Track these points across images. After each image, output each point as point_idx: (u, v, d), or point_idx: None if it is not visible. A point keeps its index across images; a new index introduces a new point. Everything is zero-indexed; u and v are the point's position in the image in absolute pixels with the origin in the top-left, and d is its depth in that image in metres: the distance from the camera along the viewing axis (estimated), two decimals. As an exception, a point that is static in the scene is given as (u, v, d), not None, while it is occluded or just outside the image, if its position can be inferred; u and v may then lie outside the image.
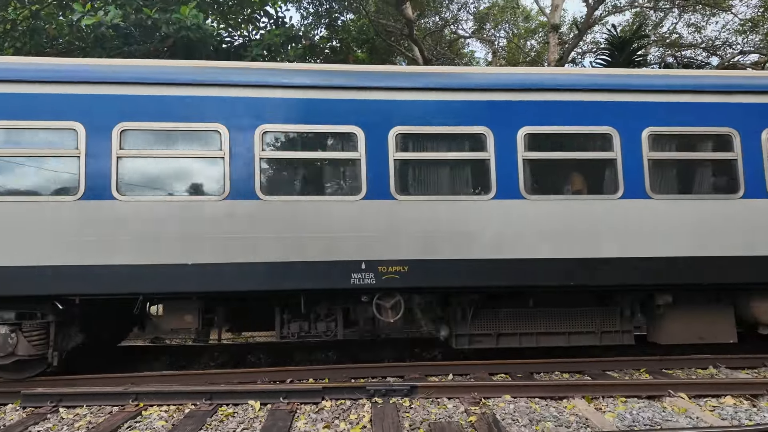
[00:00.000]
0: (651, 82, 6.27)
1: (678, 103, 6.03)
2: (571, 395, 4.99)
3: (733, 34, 18.96)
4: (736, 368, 6.17)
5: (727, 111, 6.02)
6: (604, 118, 5.93)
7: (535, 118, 5.82)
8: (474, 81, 5.96)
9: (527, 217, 5.67)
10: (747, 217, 5.89)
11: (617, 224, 5.75)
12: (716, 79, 6.47)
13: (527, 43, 23.04)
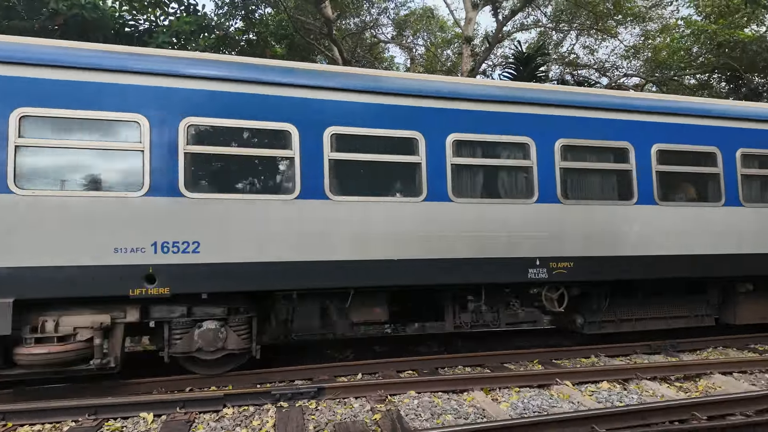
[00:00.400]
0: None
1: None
2: (471, 388, 5.27)
3: (620, 59, 21.34)
4: (613, 356, 6.92)
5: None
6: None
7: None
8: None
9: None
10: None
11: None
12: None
13: (444, 52, 24.02)
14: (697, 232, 6.79)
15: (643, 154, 6.68)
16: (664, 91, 19.15)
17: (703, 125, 6.98)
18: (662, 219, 6.65)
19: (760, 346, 7.36)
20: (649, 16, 19.11)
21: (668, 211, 6.71)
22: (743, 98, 16.79)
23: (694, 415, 4.24)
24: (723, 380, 5.63)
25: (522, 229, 6.10)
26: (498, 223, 6.05)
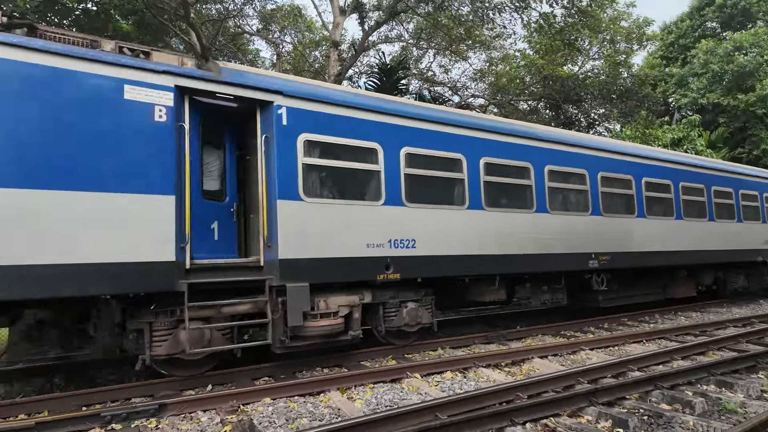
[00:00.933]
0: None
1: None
2: (328, 388, 5.31)
3: (469, 80, 23.73)
4: (456, 347, 7.63)
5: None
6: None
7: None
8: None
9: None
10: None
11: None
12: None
13: (312, 53, 23.93)
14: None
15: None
16: (503, 113, 21.86)
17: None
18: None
19: (569, 332, 8.85)
20: (493, 45, 21.65)
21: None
22: (561, 125, 20.01)
23: (518, 396, 4.90)
24: (540, 363, 6.62)
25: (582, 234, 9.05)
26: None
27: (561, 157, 8.77)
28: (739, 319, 9.82)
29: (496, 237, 7.66)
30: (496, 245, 7.64)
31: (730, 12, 29.33)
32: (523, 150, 8.25)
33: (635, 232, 9.80)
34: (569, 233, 8.66)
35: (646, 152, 10.97)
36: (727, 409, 4.73)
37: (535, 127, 9.46)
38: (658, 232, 10.21)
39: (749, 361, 6.31)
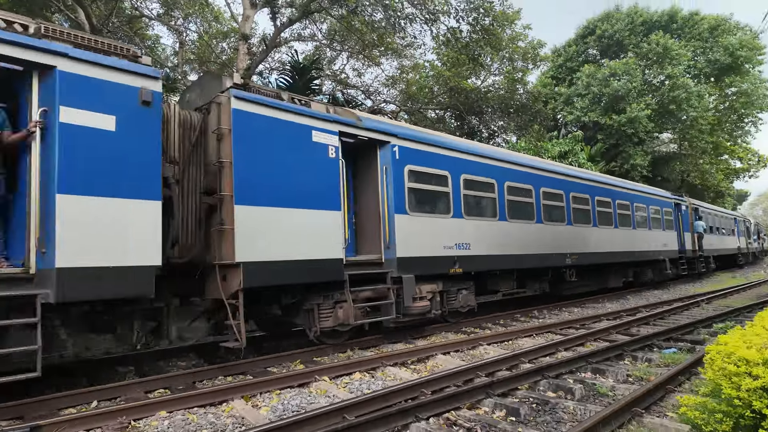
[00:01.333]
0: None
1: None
2: (231, 397, 5.07)
3: (382, 85, 24.24)
4: (365, 348, 7.73)
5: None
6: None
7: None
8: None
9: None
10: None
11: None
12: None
13: (219, 44, 22.75)
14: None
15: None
16: (412, 120, 22.63)
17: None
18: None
19: (469, 329, 9.40)
20: (405, 53, 22.35)
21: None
22: (465, 135, 21.22)
23: (423, 392, 5.10)
24: (444, 359, 6.95)
25: (560, 239, 12.07)
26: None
27: (555, 182, 12.14)
28: (611, 313, 11.17)
29: (514, 241, 10.40)
30: (514, 248, 10.38)
31: (607, 42, 33.40)
32: (533, 177, 11.34)
33: (591, 238, 13.19)
34: (556, 239, 11.76)
35: (599, 178, 15.19)
36: (600, 392, 5.36)
37: (535, 161, 12.81)
38: (604, 239, 13.81)
39: (618, 349, 7.21)
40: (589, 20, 35.13)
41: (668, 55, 28.92)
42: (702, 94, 29.61)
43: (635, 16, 33.22)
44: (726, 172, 39.09)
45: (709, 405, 3.61)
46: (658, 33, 30.22)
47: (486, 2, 17.60)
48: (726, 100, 35.89)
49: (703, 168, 33.66)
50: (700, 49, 33.38)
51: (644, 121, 26.72)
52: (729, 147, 37.51)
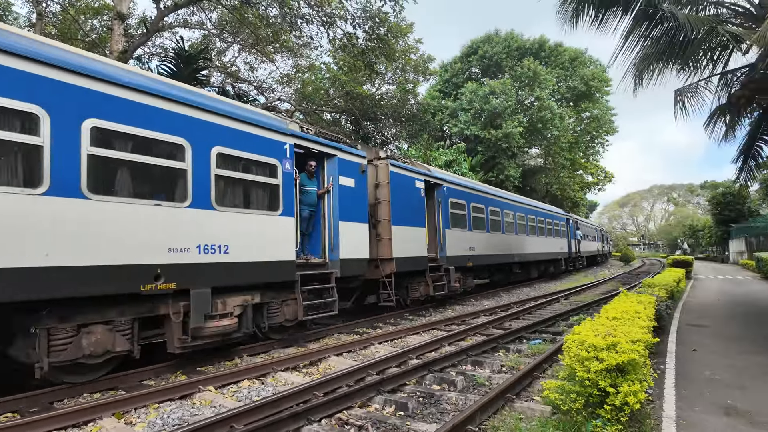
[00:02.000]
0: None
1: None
2: (99, 416, 4.55)
3: (276, 83, 23.58)
4: (254, 354, 7.44)
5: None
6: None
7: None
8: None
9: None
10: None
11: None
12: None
13: (89, 21, 20.17)
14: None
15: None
16: (308, 120, 22.41)
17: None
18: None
19: (362, 330, 9.58)
20: (301, 52, 22.05)
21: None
22: (360, 140, 21.58)
23: (315, 394, 5.08)
24: (336, 360, 6.99)
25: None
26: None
27: (514, 207, 18.89)
28: (488, 309, 12.23)
29: (492, 246, 15.99)
30: (492, 250, 16.02)
31: (488, 63, 36.61)
32: (504, 204, 17.68)
33: (527, 244, 19.54)
34: (510, 244, 17.56)
35: (532, 203, 22.12)
36: (479, 383, 5.85)
37: (504, 192, 19.10)
38: (533, 244, 20.39)
39: (493, 342, 7.93)
40: (472, 41, 38.18)
41: (537, 79, 32.64)
42: (563, 116, 33.95)
43: (511, 41, 36.94)
44: (581, 185, 45.27)
45: (567, 387, 4.15)
46: (530, 59, 33.97)
47: (381, 13, 18.15)
48: (581, 123, 41.62)
49: (563, 181, 38.51)
50: (562, 76, 38.26)
51: (517, 137, 29.78)
52: (583, 163, 43.53)
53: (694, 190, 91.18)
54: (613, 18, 11.43)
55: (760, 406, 4.73)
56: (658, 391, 5.20)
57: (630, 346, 3.94)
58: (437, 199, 12.77)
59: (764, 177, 35.82)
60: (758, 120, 13.10)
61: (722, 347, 7.45)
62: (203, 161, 6.33)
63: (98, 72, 5.34)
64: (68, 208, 4.90)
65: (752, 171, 14.09)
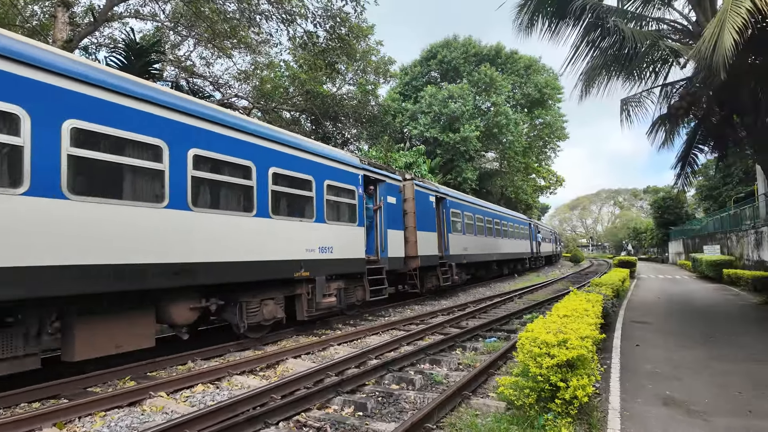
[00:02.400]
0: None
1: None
2: (38, 426, 4.27)
3: (233, 79, 22.98)
4: (208, 358, 7.22)
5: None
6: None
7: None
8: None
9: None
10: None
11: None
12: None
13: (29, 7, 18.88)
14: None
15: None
16: (266, 119, 22.00)
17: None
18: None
19: (321, 331, 9.49)
20: (259, 49, 21.61)
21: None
22: (320, 139, 21.42)
23: (272, 398, 5.00)
24: (294, 363, 6.90)
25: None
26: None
27: (498, 216, 23.30)
28: (446, 309, 12.44)
29: (479, 247, 19.39)
30: (479, 250, 19.47)
31: (446, 67, 37.27)
32: (488, 213, 21.63)
33: (501, 245, 23.29)
34: (491, 245, 21.34)
35: (505, 210, 26.32)
36: (437, 381, 5.94)
37: (490, 204, 23.03)
38: (506, 245, 24.08)
39: (451, 341, 8.08)
40: (432, 45, 38.74)
41: (494, 85, 33.55)
42: (518, 121, 35.05)
43: (469, 47, 37.78)
44: (534, 189, 46.90)
45: (520, 383, 4.30)
46: (487, 65, 34.86)
47: (342, 13, 18.10)
48: (535, 129, 43.14)
49: (518, 184, 39.77)
50: (517, 83, 39.52)
51: (474, 140, 30.48)
52: (536, 168, 45.11)
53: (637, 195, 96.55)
54: (565, 28, 11.95)
55: (695, 396, 5.08)
56: (604, 384, 5.48)
57: (579, 343, 4.13)
58: (442, 210, 16.03)
59: (699, 183, 38.50)
60: (694, 130, 14.07)
61: (662, 342, 7.94)
62: (320, 191, 9.28)
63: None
64: (265, 224, 7.83)
65: (689, 177, 15.11)
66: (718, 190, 34.73)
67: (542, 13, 11.92)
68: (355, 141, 26.82)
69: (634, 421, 4.34)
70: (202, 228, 6.62)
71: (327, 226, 9.35)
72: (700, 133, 13.95)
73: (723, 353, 7.08)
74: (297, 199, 8.64)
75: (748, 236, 21.36)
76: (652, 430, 4.16)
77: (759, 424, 4.24)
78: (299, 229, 8.59)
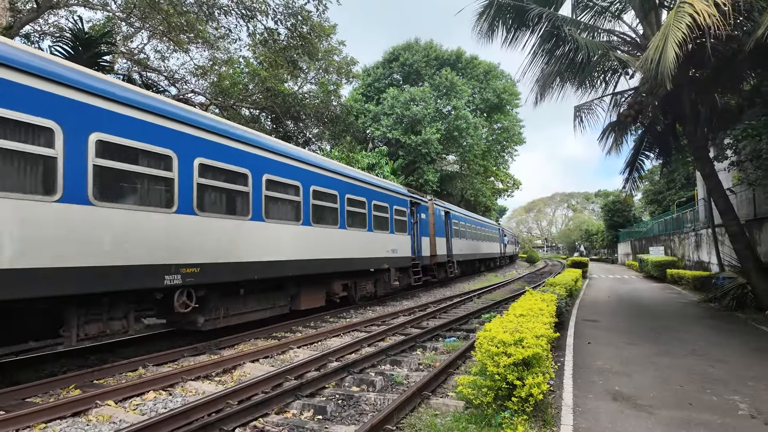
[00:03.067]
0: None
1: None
2: (-31, 443, 3.95)
3: (190, 74, 22.24)
4: (161, 364, 6.93)
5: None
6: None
7: None
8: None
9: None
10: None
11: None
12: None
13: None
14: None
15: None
16: (225, 116, 21.42)
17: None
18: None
19: (280, 334, 9.32)
20: (218, 45, 21.02)
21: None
22: (282, 138, 21.07)
23: (228, 403, 4.85)
24: (252, 367, 6.73)
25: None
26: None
27: (478, 224, 29.60)
28: (407, 309, 12.52)
29: (468, 247, 25.84)
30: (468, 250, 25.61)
31: (408, 70, 37.61)
32: (472, 221, 27.56)
33: (479, 246, 28.59)
34: (475, 246, 27.33)
35: (481, 218, 31.53)
36: (397, 382, 5.96)
37: (473, 214, 28.93)
38: (483, 246, 29.61)
39: (412, 341, 8.13)
40: (394, 47, 38.98)
41: (454, 89, 34.15)
42: (477, 125, 35.81)
43: (430, 51, 38.29)
44: (492, 191, 48.07)
45: (478, 382, 4.38)
46: (448, 69, 35.44)
47: (304, 11, 17.89)
48: (493, 133, 44.22)
49: (477, 187, 40.64)
50: (477, 88, 40.40)
51: (435, 143, 30.90)
52: (495, 171, 46.24)
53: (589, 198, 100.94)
54: (523, 36, 12.33)
55: (641, 390, 5.34)
56: (558, 381, 5.67)
57: (535, 341, 4.25)
58: (448, 221, 21.61)
59: (646, 187, 40.69)
60: (641, 137, 14.85)
61: (612, 339, 8.31)
62: (392, 212, 14.56)
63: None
64: (371, 235, 13.07)
65: (636, 182, 15.93)
66: (663, 194, 36.82)
67: (501, 21, 12.25)
68: (317, 141, 26.57)
69: (586, 417, 4.51)
70: (347, 238, 11.67)
71: (394, 236, 14.58)
72: (646, 141, 14.74)
73: (667, 349, 7.49)
74: (382, 218, 13.85)
75: (689, 238, 22.77)
76: (602, 424, 4.33)
77: (698, 416, 4.51)
78: (383, 238, 13.77)
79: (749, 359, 6.75)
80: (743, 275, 11.76)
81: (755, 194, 14.30)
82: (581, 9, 12.67)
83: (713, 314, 11.27)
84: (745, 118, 10.72)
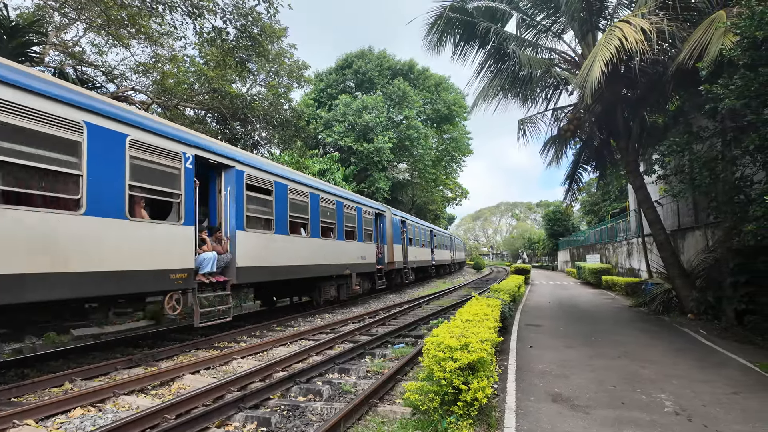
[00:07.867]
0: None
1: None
2: None
3: (130, 71, 21.10)
4: (91, 377, 6.45)
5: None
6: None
7: None
8: None
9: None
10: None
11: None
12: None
13: None
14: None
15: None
16: (167, 116, 20.49)
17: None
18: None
19: (223, 344, 8.95)
20: (161, 42, 20.12)
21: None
22: (228, 140, 20.44)
23: (165, 418, 4.58)
24: (192, 379, 6.41)
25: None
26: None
27: (444, 236, 37.26)
28: (357, 317, 12.44)
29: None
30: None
31: (362, 78, 37.79)
32: (429, 232, 30.45)
33: (444, 253, 35.09)
34: (439, 255, 32.55)
35: (445, 232, 40.02)
36: (345, 390, 5.88)
37: (433, 225, 34.05)
38: (444, 253, 35.53)
39: (360, 349, 8.07)
40: (347, 54, 39.07)
41: (406, 99, 34.68)
42: (428, 135, 36.56)
43: (383, 60, 38.72)
44: (442, 200, 49.12)
45: (425, 387, 4.40)
46: (400, 79, 35.97)
47: (255, 12, 17.53)
48: (443, 143, 45.29)
49: (427, 195, 41.41)
50: (428, 99, 41.26)
51: (387, 151, 31.19)
52: (444, 180, 47.31)
53: (532, 208, 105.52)
54: (470, 51, 12.74)
55: (578, 392, 5.59)
56: (502, 385, 5.82)
57: (480, 346, 4.33)
58: (404, 229, 22.71)
59: (583, 199, 43.08)
60: (579, 151, 15.72)
61: (552, 343, 8.67)
62: (360, 223, 16.34)
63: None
64: (342, 244, 14.74)
65: (575, 193, 16.82)
66: (599, 205, 39.14)
67: (450, 35, 12.60)
68: (266, 144, 26.00)
69: (527, 419, 4.65)
70: (319, 247, 12.81)
71: (363, 244, 16.37)
72: (584, 154, 15.63)
73: (602, 351, 7.91)
74: (351, 228, 15.32)
75: (622, 247, 24.30)
76: (542, 425, 4.49)
77: (629, 414, 4.78)
78: (353, 246, 15.36)
79: (674, 359, 7.26)
80: (669, 281, 12.68)
81: (679, 206, 15.51)
82: (525, 27, 13.30)
83: (643, 318, 12.05)
84: (670, 135, 11.63)
